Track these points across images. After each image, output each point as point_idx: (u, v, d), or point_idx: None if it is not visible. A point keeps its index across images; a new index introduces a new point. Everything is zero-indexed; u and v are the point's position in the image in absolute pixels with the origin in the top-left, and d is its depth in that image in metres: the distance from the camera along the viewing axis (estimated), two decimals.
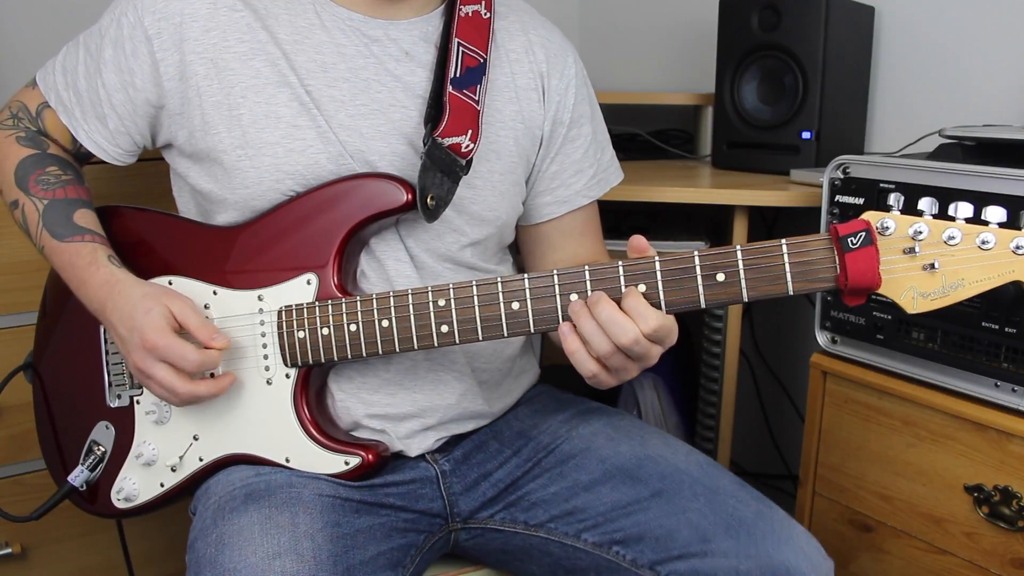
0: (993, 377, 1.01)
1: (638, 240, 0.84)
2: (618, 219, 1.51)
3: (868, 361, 1.14)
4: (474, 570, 1.07)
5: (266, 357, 0.95)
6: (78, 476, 1.03)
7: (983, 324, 1.01)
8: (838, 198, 1.15)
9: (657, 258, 0.82)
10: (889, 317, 1.11)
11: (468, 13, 1.00)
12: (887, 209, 0.80)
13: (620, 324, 0.81)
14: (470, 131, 0.96)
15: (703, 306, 0.82)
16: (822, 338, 1.20)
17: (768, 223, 1.74)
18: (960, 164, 1.03)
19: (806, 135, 1.46)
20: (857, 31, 1.51)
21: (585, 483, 0.97)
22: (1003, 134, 1.08)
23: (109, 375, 1.04)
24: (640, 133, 1.83)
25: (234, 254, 0.97)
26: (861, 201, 1.12)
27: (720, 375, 1.44)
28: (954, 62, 1.45)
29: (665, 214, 1.62)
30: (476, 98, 0.97)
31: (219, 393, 0.93)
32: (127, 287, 0.93)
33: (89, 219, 0.99)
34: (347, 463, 0.95)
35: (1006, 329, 0.99)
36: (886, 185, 1.09)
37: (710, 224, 1.58)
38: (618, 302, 0.82)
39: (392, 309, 0.90)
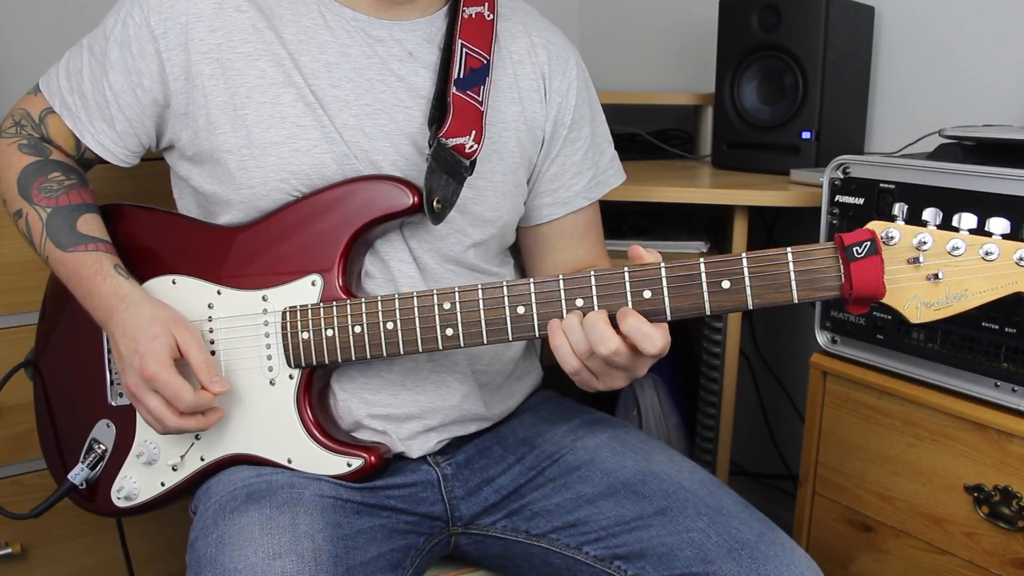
0: (993, 377, 1.01)
1: (635, 250, 0.84)
2: (618, 219, 1.51)
3: (868, 361, 1.14)
4: (473, 571, 1.07)
5: (269, 358, 0.95)
6: (78, 474, 1.03)
7: (983, 324, 1.01)
8: (838, 198, 1.15)
9: (663, 264, 0.82)
10: (889, 317, 1.11)
11: (471, 15, 1.00)
12: (888, 211, 0.80)
13: (600, 332, 0.81)
14: (474, 132, 0.96)
15: (708, 312, 0.82)
16: (822, 338, 1.20)
17: (768, 223, 1.74)
18: (960, 164, 1.03)
19: (806, 135, 1.46)
20: (857, 31, 1.51)
21: (589, 496, 0.97)
22: (1003, 134, 1.08)
23: (111, 373, 1.04)
24: (640, 133, 1.83)
25: (239, 254, 0.97)
26: (861, 201, 1.12)
27: (720, 375, 1.44)
28: (954, 62, 1.45)
29: (665, 214, 1.62)
30: (480, 99, 0.97)
31: (206, 428, 0.93)
32: (135, 304, 0.92)
33: (94, 225, 0.98)
34: (349, 464, 0.95)
35: (1006, 329, 0.99)
36: (886, 185, 1.09)
37: (710, 224, 1.58)
38: (612, 318, 0.82)
39: (397, 312, 0.90)
